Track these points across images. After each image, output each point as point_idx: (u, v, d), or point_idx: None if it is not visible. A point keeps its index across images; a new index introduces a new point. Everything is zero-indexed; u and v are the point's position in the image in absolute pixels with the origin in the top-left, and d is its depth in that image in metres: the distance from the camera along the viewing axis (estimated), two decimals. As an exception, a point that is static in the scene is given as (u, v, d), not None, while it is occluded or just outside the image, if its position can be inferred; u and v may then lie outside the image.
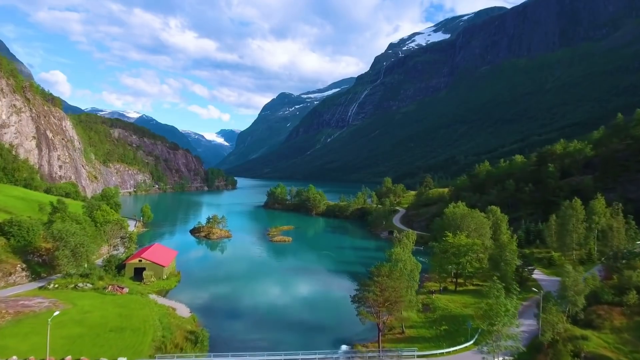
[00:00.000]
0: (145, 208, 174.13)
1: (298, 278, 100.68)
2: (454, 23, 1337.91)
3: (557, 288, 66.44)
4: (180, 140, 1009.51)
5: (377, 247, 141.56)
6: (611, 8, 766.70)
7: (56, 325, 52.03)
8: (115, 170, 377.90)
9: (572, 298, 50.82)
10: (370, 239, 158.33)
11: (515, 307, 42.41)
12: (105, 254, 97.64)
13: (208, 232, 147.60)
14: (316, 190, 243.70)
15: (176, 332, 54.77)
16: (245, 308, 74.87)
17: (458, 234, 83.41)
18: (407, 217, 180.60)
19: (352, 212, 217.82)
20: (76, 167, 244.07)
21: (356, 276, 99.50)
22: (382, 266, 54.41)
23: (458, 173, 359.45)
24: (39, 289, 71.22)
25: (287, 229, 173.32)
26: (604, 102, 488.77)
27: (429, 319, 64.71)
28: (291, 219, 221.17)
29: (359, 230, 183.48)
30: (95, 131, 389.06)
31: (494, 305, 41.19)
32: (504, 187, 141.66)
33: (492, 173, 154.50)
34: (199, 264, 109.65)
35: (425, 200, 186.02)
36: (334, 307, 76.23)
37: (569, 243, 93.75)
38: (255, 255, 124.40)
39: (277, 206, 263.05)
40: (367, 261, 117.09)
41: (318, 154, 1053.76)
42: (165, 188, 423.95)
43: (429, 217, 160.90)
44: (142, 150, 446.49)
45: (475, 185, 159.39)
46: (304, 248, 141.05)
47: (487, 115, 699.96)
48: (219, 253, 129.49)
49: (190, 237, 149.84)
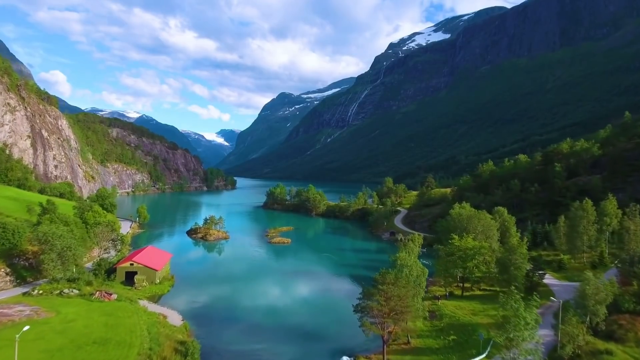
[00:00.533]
0: (142, 208, 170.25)
1: (297, 282, 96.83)
2: (454, 23, 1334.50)
3: (572, 294, 62.63)
4: (180, 140, 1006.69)
5: (379, 249, 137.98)
6: (612, 8, 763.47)
7: (35, 337, 48.22)
8: (113, 170, 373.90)
9: (593, 308, 46.92)
10: (372, 241, 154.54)
11: (536, 320, 38.50)
12: (97, 257, 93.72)
13: (205, 234, 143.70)
14: (316, 191, 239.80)
15: (165, 343, 50.87)
16: (242, 314, 71.03)
17: (464, 237, 79.53)
18: (409, 217, 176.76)
19: (353, 213, 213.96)
20: (72, 167, 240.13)
21: (358, 280, 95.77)
22: (387, 273, 50.50)
23: (459, 173, 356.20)
24: (22, 295, 67.36)
25: (286, 229, 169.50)
26: (605, 102, 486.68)
27: (435, 328, 60.84)
28: (291, 220, 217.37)
29: (359, 231, 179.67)
30: (93, 131, 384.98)
31: (512, 318, 37.28)
32: (508, 187, 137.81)
33: (497, 173, 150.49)
34: (194, 267, 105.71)
35: (427, 201, 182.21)
36: (335, 314, 72.42)
37: (579, 246, 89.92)
38: (252, 257, 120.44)
39: (276, 206, 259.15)
40: (369, 264, 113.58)
41: (318, 154, 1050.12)
42: (163, 188, 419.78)
43: (432, 217, 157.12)
44: (140, 150, 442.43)
45: (479, 185, 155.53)
46: (304, 250, 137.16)
47: (487, 115, 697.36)
48: (216, 255, 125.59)
49: (187, 239, 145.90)
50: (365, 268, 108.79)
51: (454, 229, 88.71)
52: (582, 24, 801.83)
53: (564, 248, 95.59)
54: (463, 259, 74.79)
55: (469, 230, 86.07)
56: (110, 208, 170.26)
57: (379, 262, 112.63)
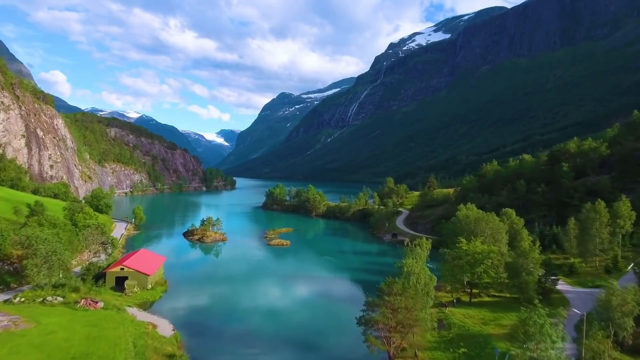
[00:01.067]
0: (137, 209, 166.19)
1: (296, 286, 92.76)
2: (454, 23, 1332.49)
3: (587, 302, 58.63)
4: (181, 141, 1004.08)
5: (381, 252, 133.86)
6: (612, 7, 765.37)
7: (9, 351, 44.14)
8: (111, 170, 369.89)
9: (620, 320, 42.89)
10: (373, 243, 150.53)
11: (563, 338, 34.47)
12: (86, 260, 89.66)
13: (202, 235, 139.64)
14: (316, 191, 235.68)
15: (152, 358, 46.81)
16: (237, 323, 66.99)
17: (472, 240, 75.48)
18: (411, 218, 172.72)
19: (354, 214, 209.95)
20: (68, 167, 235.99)
21: (360, 284, 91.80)
22: (394, 282, 46.37)
23: (460, 173, 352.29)
24: (3, 303, 63.25)
25: (285, 231, 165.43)
26: (606, 102, 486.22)
27: (444, 339, 56.68)
28: (290, 221, 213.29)
29: (360, 233, 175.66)
30: (91, 130, 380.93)
31: (536, 335, 33.21)
32: (514, 187, 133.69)
33: (502, 173, 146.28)
34: (189, 271, 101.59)
35: (429, 202, 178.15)
36: (336, 321, 68.41)
37: (591, 249, 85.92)
38: (250, 260, 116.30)
39: (275, 207, 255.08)
40: (371, 267, 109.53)
41: (318, 154, 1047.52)
42: (162, 188, 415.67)
43: (434, 219, 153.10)
44: (139, 150, 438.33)
45: (483, 185, 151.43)
46: (303, 252, 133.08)
47: (487, 115, 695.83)
48: (213, 257, 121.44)
49: (183, 241, 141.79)
50: (367, 272, 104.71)
51: (460, 231, 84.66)
52: (583, 23, 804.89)
53: (575, 251, 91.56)
54: (471, 263, 70.74)
55: (476, 233, 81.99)
56: (105, 209, 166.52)
57: (381, 265, 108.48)
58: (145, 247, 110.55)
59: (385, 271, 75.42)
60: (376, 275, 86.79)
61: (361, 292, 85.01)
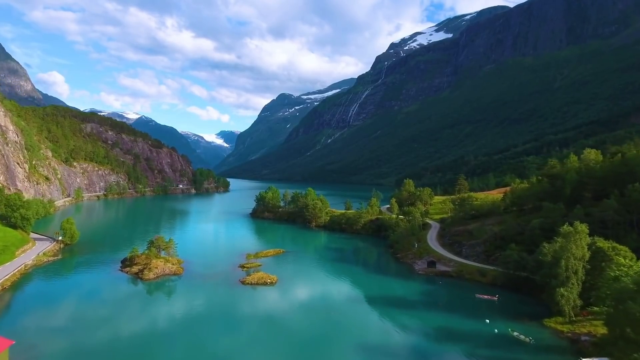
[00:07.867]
0: (67, 223, 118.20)
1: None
2: (455, 22, 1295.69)
3: None
4: (180, 142, 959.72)
5: (422, 296, 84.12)
6: (620, 5, 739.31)
7: None
8: (82, 170, 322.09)
9: None
10: (399, 275, 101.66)
11: None
12: None
13: (144, 266, 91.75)
14: (317, 195, 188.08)
15: None
16: None
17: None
18: (448, 235, 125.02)
19: (364, 225, 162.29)
20: (7, 166, 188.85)
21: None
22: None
23: (469, 174, 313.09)
24: None
25: (273, 253, 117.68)
26: (619, 100, 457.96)
27: None
28: (283, 234, 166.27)
29: (376, 255, 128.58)
30: (59, 125, 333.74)
31: None
32: (622, 193, 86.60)
33: (594, 172, 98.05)
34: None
35: (471, 211, 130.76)
36: None
37: None
38: (196, 331, 68.20)
39: (267, 215, 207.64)
40: (419, 334, 59.57)
41: (318, 155, 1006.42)
42: (143, 191, 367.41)
43: (489, 239, 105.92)
44: (118, 148, 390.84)
45: (557, 190, 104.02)
46: (295, 300, 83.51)
47: (493, 114, 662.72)
48: (129, 324, 66.68)
49: (116, 274, 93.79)
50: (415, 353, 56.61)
51: None
52: (590, 21, 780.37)
53: None
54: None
55: None
56: (20, 223, 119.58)
57: (436, 330, 60.71)
58: (49, 281, 62.44)
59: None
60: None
61: None
